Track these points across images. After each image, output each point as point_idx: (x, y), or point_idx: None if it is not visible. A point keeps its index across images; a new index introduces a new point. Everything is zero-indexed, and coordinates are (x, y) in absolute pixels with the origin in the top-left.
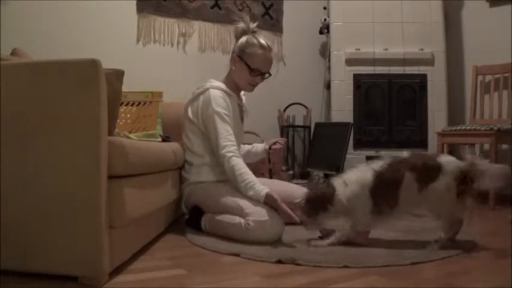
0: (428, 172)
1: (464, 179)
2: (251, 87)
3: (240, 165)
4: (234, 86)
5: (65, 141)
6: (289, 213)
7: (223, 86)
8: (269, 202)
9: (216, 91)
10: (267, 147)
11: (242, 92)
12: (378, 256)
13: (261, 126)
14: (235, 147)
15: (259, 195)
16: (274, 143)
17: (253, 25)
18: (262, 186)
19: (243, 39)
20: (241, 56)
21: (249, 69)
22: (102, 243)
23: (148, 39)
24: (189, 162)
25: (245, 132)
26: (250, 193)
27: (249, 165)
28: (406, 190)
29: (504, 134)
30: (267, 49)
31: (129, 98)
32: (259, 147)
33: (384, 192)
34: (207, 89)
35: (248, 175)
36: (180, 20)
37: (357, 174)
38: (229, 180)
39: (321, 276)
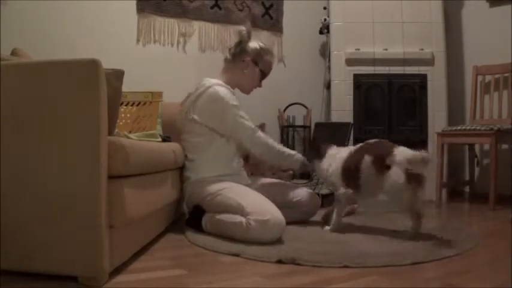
0: (383, 158)
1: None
2: (251, 90)
3: (274, 143)
4: (232, 86)
5: (65, 141)
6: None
7: (222, 83)
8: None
9: (222, 87)
10: None
11: None
12: (377, 256)
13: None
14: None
15: (299, 161)
16: None
17: (252, 29)
18: (296, 154)
19: (255, 44)
20: (256, 61)
21: (262, 74)
22: (102, 243)
23: (149, 39)
24: (191, 160)
25: None
26: (287, 162)
27: (247, 164)
28: (366, 171)
29: (504, 134)
30: (274, 56)
31: (129, 98)
32: None
33: (350, 171)
34: (209, 86)
35: (284, 148)
36: (180, 20)
37: (340, 151)
38: (230, 176)
39: (321, 276)
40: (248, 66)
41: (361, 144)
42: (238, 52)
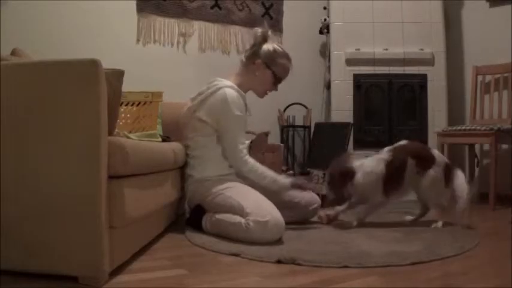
0: (426, 160)
1: (448, 170)
2: (265, 94)
3: (256, 166)
4: (245, 88)
5: (65, 141)
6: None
7: (234, 85)
8: (297, 187)
9: (232, 91)
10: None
11: None
12: (378, 256)
13: (261, 126)
14: (246, 150)
15: (285, 186)
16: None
17: (270, 31)
18: (283, 178)
19: (269, 47)
20: (269, 64)
21: (274, 78)
22: (102, 243)
23: (148, 39)
24: (195, 157)
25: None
26: (275, 187)
27: None
28: (409, 172)
29: (504, 134)
30: (290, 60)
31: (129, 98)
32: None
33: (394, 177)
34: (220, 87)
35: (267, 172)
36: (180, 20)
37: (372, 165)
38: (233, 175)
39: (321, 276)
40: (259, 69)
41: (390, 148)
42: (251, 54)
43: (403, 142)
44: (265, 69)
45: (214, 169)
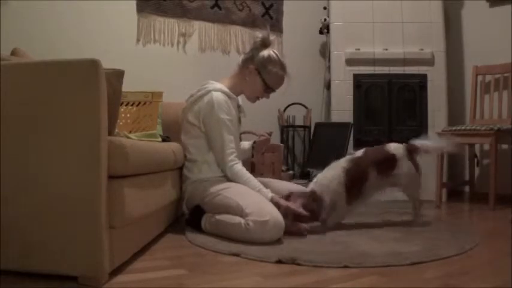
0: (387, 164)
1: (412, 155)
2: (256, 99)
3: (242, 172)
4: (237, 91)
5: (65, 141)
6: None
7: (224, 88)
8: (275, 202)
9: (219, 94)
10: (252, 142)
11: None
12: (377, 256)
13: (261, 126)
14: (236, 154)
15: (266, 197)
16: (260, 137)
17: (272, 37)
18: (266, 190)
19: (265, 53)
20: (260, 70)
21: (264, 85)
22: (102, 243)
23: (149, 39)
24: (192, 160)
25: (243, 133)
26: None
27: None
28: (371, 182)
29: (504, 134)
30: (285, 70)
31: (129, 98)
32: (246, 144)
33: (354, 185)
34: (209, 91)
35: (252, 180)
36: (180, 20)
37: (332, 174)
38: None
39: (321, 276)
40: (250, 75)
41: (351, 158)
42: (247, 59)
43: (359, 153)
44: (256, 76)
45: (211, 171)
